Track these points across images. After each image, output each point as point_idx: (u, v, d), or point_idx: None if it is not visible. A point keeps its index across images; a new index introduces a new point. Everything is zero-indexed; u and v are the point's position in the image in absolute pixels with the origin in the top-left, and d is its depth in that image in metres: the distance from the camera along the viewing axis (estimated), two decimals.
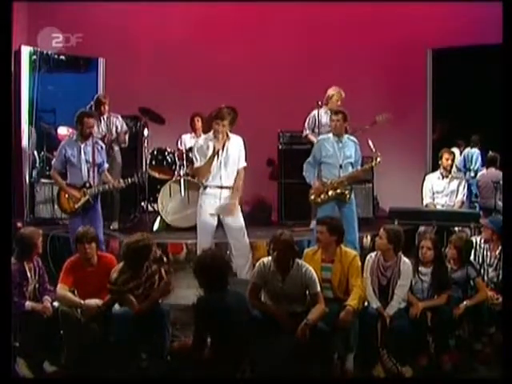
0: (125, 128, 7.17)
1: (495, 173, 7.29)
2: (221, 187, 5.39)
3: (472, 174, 8.35)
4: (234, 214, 5.42)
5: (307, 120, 7.04)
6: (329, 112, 6.59)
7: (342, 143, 5.85)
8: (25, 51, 7.76)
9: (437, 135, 8.50)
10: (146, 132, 7.59)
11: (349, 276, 4.69)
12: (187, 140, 7.45)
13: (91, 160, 5.82)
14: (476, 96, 8.14)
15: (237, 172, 5.46)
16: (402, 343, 4.61)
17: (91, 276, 4.76)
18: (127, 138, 7.22)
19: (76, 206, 5.78)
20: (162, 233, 7.05)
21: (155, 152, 7.31)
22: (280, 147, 7.75)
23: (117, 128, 7.08)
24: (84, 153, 5.82)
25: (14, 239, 4.76)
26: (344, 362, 4.58)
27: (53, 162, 6.09)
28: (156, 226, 7.20)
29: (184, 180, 7.04)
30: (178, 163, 7.19)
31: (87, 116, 5.88)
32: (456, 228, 6.30)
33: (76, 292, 4.75)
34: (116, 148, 7.09)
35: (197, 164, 5.46)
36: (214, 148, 5.30)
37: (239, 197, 5.51)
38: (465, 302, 4.80)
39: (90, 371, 4.49)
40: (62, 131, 7.61)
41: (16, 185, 7.31)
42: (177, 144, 7.49)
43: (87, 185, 5.80)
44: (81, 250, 4.80)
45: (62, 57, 8.30)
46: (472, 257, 5.14)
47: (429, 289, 4.82)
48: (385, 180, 7.92)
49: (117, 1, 8.35)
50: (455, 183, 6.88)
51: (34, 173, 7.67)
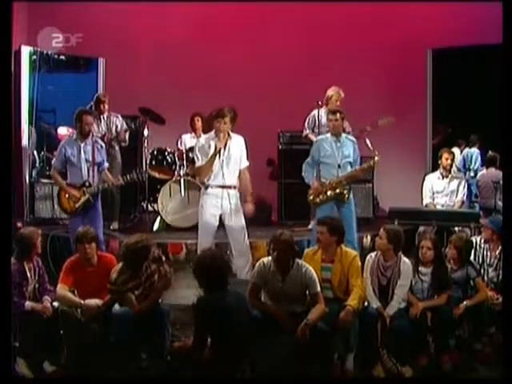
0: (125, 127, 7.19)
1: (495, 173, 7.29)
2: (222, 186, 5.37)
3: (472, 174, 8.34)
4: (251, 215, 5.47)
5: (307, 120, 7.04)
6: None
7: (340, 143, 5.84)
8: (25, 51, 7.77)
9: (437, 140, 8.49)
10: (146, 132, 7.59)
11: (349, 276, 4.69)
12: (187, 140, 7.46)
13: (91, 159, 5.82)
14: (476, 96, 8.15)
15: (242, 173, 5.46)
16: (402, 343, 4.61)
17: (91, 276, 4.76)
18: (127, 137, 7.24)
19: (76, 206, 5.78)
20: (162, 233, 7.05)
21: (155, 152, 7.31)
22: (280, 147, 7.75)
23: (116, 127, 7.11)
24: (84, 152, 5.81)
25: (14, 239, 4.76)
26: (344, 362, 4.58)
27: (53, 162, 6.09)
28: (156, 226, 7.20)
29: (184, 180, 7.04)
30: (178, 163, 7.19)
31: (85, 113, 5.88)
32: (456, 228, 6.29)
33: (76, 292, 4.75)
34: (116, 147, 7.11)
35: (198, 163, 5.44)
36: (216, 147, 5.29)
37: (251, 196, 5.50)
38: (465, 302, 4.79)
39: (90, 371, 4.49)
40: (62, 131, 7.62)
41: (16, 185, 7.31)
42: (177, 144, 7.49)
43: (87, 184, 5.79)
44: (81, 250, 4.80)
45: (62, 57, 8.31)
46: (472, 257, 5.14)
47: (429, 289, 4.82)
48: (385, 180, 7.92)
49: (117, 1, 8.35)
50: (455, 183, 6.87)
51: (34, 173, 7.67)
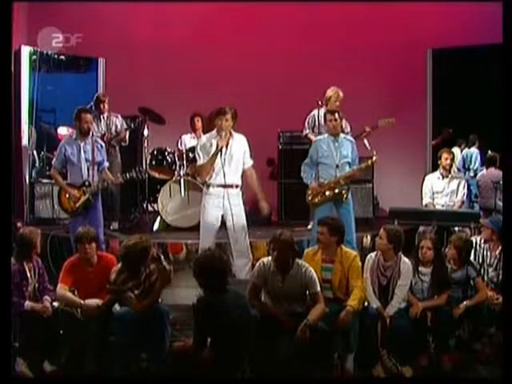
0: (125, 126, 7.20)
1: (495, 173, 7.29)
2: (224, 186, 5.34)
3: (471, 174, 8.35)
4: (267, 213, 5.54)
5: (307, 119, 7.03)
6: None
7: (338, 143, 5.83)
8: (25, 51, 7.76)
9: (438, 141, 8.49)
10: (146, 132, 7.58)
11: (349, 276, 4.69)
12: (187, 140, 7.46)
13: (91, 158, 5.81)
14: (476, 96, 8.15)
15: (248, 172, 5.47)
16: (402, 343, 4.61)
17: (91, 276, 4.76)
18: (127, 137, 7.24)
19: (76, 205, 5.77)
20: (162, 233, 7.05)
21: (155, 152, 7.30)
22: (280, 147, 7.76)
23: (116, 127, 7.13)
24: (84, 151, 5.81)
25: (14, 239, 4.76)
26: (344, 362, 4.58)
27: (53, 162, 6.08)
28: (156, 226, 7.20)
29: (184, 180, 7.04)
30: (178, 163, 7.19)
31: (84, 112, 5.88)
32: (456, 228, 6.29)
33: (76, 292, 4.75)
34: (116, 147, 7.12)
35: (200, 162, 5.42)
36: (217, 145, 5.27)
37: (262, 193, 5.53)
38: (465, 302, 4.80)
39: (90, 371, 4.49)
40: (62, 131, 7.63)
41: (16, 185, 7.31)
42: (177, 144, 7.48)
43: (87, 183, 5.78)
44: (81, 250, 4.80)
45: (62, 57, 8.31)
46: (472, 257, 5.14)
47: (429, 289, 4.82)
48: (385, 180, 7.93)
49: (117, 1, 8.35)
50: (455, 183, 6.86)
51: (34, 173, 7.67)
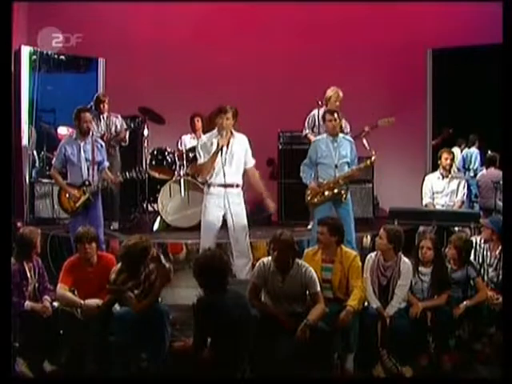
0: (124, 126, 7.20)
1: (495, 173, 7.28)
2: (224, 185, 5.34)
3: (471, 174, 8.34)
4: (273, 211, 5.56)
5: (307, 119, 7.03)
6: None
7: (337, 143, 5.83)
8: (25, 51, 7.77)
9: (437, 142, 8.49)
10: (146, 132, 7.58)
11: (349, 276, 4.69)
12: (187, 140, 7.46)
13: (91, 158, 5.80)
14: (476, 96, 8.15)
15: (250, 172, 5.49)
16: (402, 343, 4.61)
17: (91, 276, 4.75)
18: (127, 137, 7.24)
19: (77, 205, 5.77)
20: (162, 233, 7.05)
21: (155, 152, 7.30)
22: (280, 147, 7.75)
23: (116, 127, 7.13)
24: (84, 151, 5.80)
25: (14, 239, 4.76)
26: (344, 362, 4.58)
27: (53, 162, 6.08)
28: (156, 226, 7.20)
29: (184, 180, 7.04)
30: (178, 163, 7.18)
31: (83, 111, 5.88)
32: (456, 228, 6.29)
33: (76, 292, 4.75)
34: (116, 147, 7.12)
35: (200, 161, 5.43)
36: (218, 144, 5.27)
37: (266, 192, 5.59)
38: (465, 302, 4.79)
39: (90, 371, 4.49)
40: (62, 131, 7.63)
41: (16, 185, 7.31)
42: (177, 145, 7.48)
43: (87, 183, 5.78)
44: (81, 250, 4.80)
45: (62, 57, 8.31)
46: (472, 257, 5.14)
47: (429, 289, 4.82)
48: (385, 180, 7.93)
49: (117, 1, 8.35)
50: (455, 183, 6.85)
51: (34, 172, 7.67)
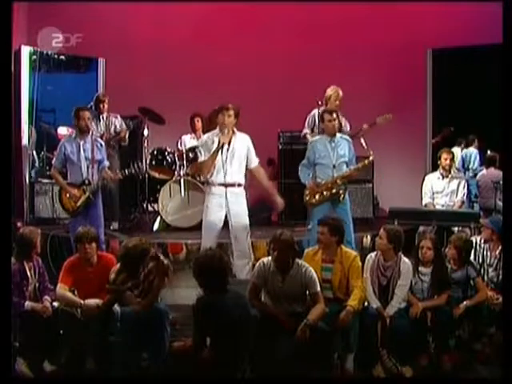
0: (124, 126, 7.20)
1: (495, 173, 7.28)
2: (225, 185, 5.32)
3: (471, 174, 8.34)
4: (281, 206, 5.60)
5: (307, 119, 7.00)
6: None
7: (335, 143, 5.79)
8: (25, 51, 7.77)
9: (437, 140, 8.48)
10: (146, 132, 7.59)
11: (349, 276, 4.69)
12: (187, 140, 7.46)
13: (90, 157, 5.79)
14: (476, 96, 8.15)
15: (255, 170, 5.50)
16: (402, 343, 4.61)
17: (91, 276, 4.76)
18: (127, 137, 7.24)
19: (77, 204, 5.76)
20: (162, 233, 7.04)
21: (155, 152, 7.29)
22: (280, 147, 7.74)
23: (115, 127, 7.14)
24: (83, 150, 5.79)
25: (14, 239, 4.76)
26: (344, 362, 4.58)
27: (53, 161, 6.08)
28: (156, 226, 7.20)
29: (184, 180, 7.03)
30: (178, 163, 7.18)
31: (82, 109, 5.88)
32: (456, 228, 6.29)
33: (76, 292, 4.75)
34: (116, 147, 7.12)
35: (201, 159, 5.42)
36: (219, 141, 5.25)
37: (273, 189, 5.66)
38: (465, 302, 4.79)
39: (90, 371, 4.49)
40: (62, 131, 7.62)
41: (16, 185, 7.31)
42: (177, 145, 7.48)
43: (86, 182, 5.76)
44: (81, 250, 4.80)
45: (62, 57, 8.32)
46: (472, 257, 5.14)
47: (429, 289, 4.82)
48: (385, 180, 7.92)
49: (117, 1, 8.36)
50: (455, 183, 6.85)
51: (34, 172, 7.67)
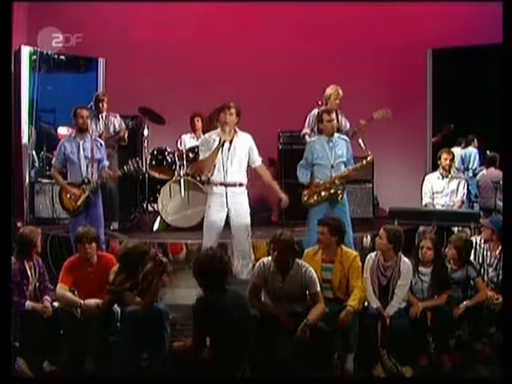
0: (123, 126, 7.20)
1: (495, 173, 7.28)
2: (226, 184, 5.30)
3: (470, 174, 8.34)
4: (286, 202, 5.62)
5: (307, 119, 6.97)
6: None
7: (333, 143, 5.78)
8: (25, 51, 7.77)
9: (437, 139, 8.49)
10: (146, 132, 7.59)
11: (349, 276, 4.69)
12: (187, 140, 7.46)
13: (90, 156, 5.78)
14: (476, 96, 8.15)
15: (260, 170, 5.52)
16: (402, 343, 4.61)
17: (91, 276, 4.76)
18: (126, 136, 7.25)
19: (78, 204, 5.75)
20: (162, 233, 7.04)
21: (155, 152, 7.29)
22: (280, 147, 7.74)
23: (114, 127, 7.14)
24: (83, 149, 5.79)
25: (14, 238, 4.77)
26: (344, 362, 4.58)
27: (53, 161, 6.08)
28: (156, 226, 7.20)
29: (184, 180, 7.03)
30: (178, 163, 7.18)
31: (80, 108, 5.89)
32: (456, 228, 6.29)
33: (76, 292, 4.75)
34: (115, 147, 7.12)
35: (201, 157, 5.41)
36: (220, 139, 5.23)
37: (277, 187, 5.74)
38: (465, 302, 4.80)
39: (90, 371, 4.49)
40: (62, 131, 7.63)
41: (16, 185, 7.31)
42: (177, 144, 7.48)
43: (86, 181, 5.76)
44: (81, 250, 4.80)
45: (62, 57, 8.32)
46: (472, 257, 5.14)
47: (429, 289, 4.82)
48: (385, 180, 7.92)
49: (117, 1, 8.36)
50: (455, 183, 6.85)
51: (34, 172, 7.67)
